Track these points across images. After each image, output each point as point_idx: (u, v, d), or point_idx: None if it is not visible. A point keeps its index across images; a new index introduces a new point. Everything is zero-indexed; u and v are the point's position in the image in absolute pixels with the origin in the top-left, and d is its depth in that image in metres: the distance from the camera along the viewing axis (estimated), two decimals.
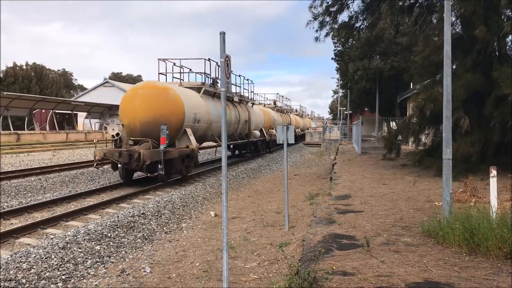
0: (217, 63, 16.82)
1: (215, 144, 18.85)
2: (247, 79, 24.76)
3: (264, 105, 33.20)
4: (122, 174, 13.83)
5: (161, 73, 16.25)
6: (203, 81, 17.36)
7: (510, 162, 11.04)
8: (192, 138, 14.48)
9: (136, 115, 13.44)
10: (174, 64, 16.49)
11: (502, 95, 10.63)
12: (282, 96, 39.86)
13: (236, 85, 22.38)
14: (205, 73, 17.55)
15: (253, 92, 26.03)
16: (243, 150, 25.70)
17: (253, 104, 25.78)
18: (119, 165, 13.51)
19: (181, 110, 13.90)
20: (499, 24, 11.59)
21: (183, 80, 16.96)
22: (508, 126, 10.61)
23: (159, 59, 16.08)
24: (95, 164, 13.84)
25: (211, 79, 17.97)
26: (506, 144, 11.42)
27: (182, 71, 16.97)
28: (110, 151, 13.34)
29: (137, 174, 15.09)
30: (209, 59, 17.49)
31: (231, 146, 23.67)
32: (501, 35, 11.62)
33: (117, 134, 13.58)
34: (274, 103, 36.42)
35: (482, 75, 11.95)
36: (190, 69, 17.77)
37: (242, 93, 23.40)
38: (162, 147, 12.79)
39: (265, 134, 27.13)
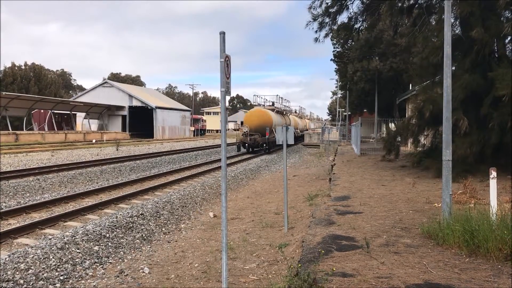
0: (279, 96, 38.45)
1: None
2: (288, 100, 45.18)
3: (290, 113, 47.95)
4: (248, 149, 29.28)
5: (254, 104, 36.73)
6: (273, 104, 36.04)
7: (509, 163, 11.02)
8: (274, 133, 28.24)
9: (252, 123, 29.56)
10: (256, 95, 36.16)
11: (499, 96, 10.62)
12: (301, 107, 62.66)
13: (281, 104, 39.67)
14: (273, 102, 36.32)
15: (288, 107, 46.11)
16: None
17: (290, 114, 44.09)
18: (246, 145, 29.01)
19: (271, 120, 30.28)
20: (497, 25, 11.57)
21: (264, 105, 35.46)
22: (508, 127, 10.59)
23: (253, 95, 36.21)
24: (237, 144, 29.79)
25: (271, 103, 36.14)
26: (505, 145, 11.39)
27: (265, 100, 36.75)
28: (243, 138, 29.28)
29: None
30: (277, 95, 37.49)
31: None
32: (501, 35, 11.61)
33: (247, 131, 29.17)
34: (295, 111, 54.54)
35: (481, 76, 11.92)
36: (268, 100, 37.15)
37: (284, 108, 40.73)
38: (266, 137, 28.86)
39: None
